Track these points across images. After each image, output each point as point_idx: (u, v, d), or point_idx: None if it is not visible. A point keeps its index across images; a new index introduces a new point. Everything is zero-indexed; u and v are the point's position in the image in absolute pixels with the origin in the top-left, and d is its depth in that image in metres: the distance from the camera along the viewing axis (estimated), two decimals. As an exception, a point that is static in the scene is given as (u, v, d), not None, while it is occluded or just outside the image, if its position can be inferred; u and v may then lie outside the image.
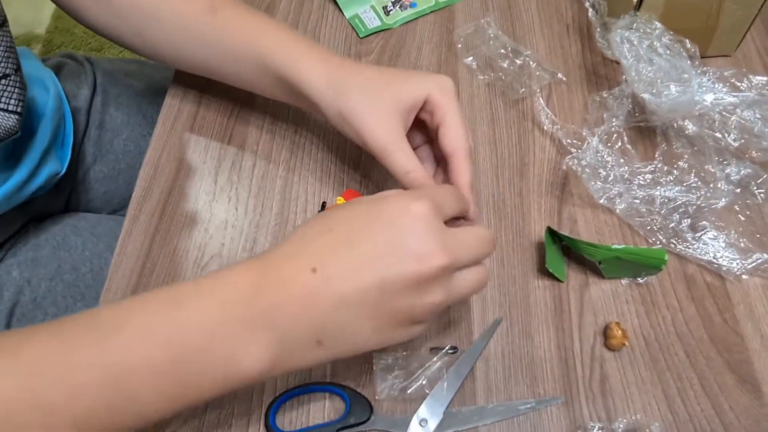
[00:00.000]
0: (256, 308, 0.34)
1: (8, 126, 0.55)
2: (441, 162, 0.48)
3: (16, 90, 0.56)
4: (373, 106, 0.45)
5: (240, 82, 0.55)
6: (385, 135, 0.44)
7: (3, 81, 0.54)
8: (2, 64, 0.54)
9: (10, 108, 0.55)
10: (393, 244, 0.35)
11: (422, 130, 0.49)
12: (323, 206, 0.50)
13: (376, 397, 0.45)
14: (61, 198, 0.72)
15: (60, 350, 0.34)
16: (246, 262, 0.36)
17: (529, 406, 0.45)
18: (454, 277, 0.37)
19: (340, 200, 0.48)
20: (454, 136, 0.44)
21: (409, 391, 0.45)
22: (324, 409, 0.45)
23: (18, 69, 0.56)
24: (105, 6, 0.56)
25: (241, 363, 0.34)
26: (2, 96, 0.54)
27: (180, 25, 0.54)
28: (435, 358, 0.46)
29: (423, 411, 0.44)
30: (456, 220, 0.41)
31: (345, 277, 0.35)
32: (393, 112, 0.45)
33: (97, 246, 0.66)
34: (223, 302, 0.35)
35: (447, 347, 0.47)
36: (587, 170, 0.52)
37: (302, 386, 0.45)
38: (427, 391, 0.45)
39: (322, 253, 0.35)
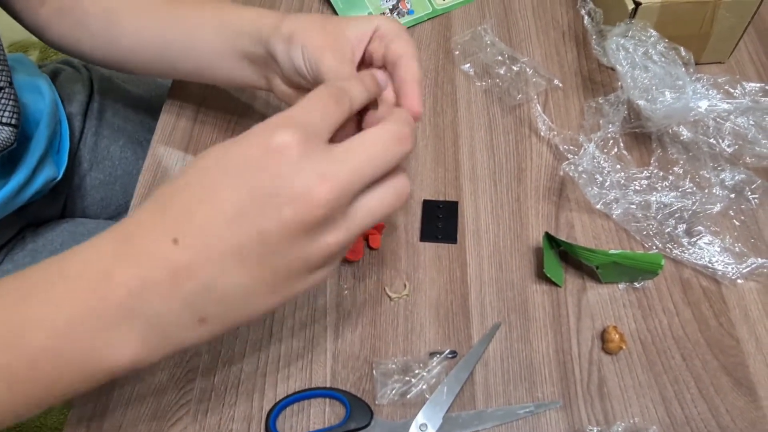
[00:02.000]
0: (112, 299, 0.29)
1: (3, 138, 0.55)
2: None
3: (10, 102, 0.56)
4: (319, 26, 0.43)
5: (196, 62, 0.53)
6: (326, 41, 0.42)
7: None
8: None
9: (5, 120, 0.55)
10: (261, 189, 0.29)
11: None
12: None
13: (376, 402, 0.45)
14: (58, 204, 0.72)
15: None
16: (100, 239, 0.31)
17: (528, 410, 0.45)
18: (354, 205, 0.31)
19: None
20: (403, 44, 0.42)
21: (408, 396, 0.45)
22: (324, 414, 0.45)
23: (11, 83, 0.57)
24: (70, 20, 0.56)
25: (106, 357, 0.30)
26: None
27: (141, 19, 0.54)
28: (434, 363, 0.47)
29: (422, 416, 0.45)
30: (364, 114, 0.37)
31: (213, 241, 0.29)
32: (338, 32, 0.43)
33: None
34: (73, 294, 0.30)
35: (446, 352, 0.47)
36: (584, 176, 0.53)
37: (302, 391, 0.46)
38: (426, 395, 0.45)
39: (180, 217, 0.30)
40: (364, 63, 0.44)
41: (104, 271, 0.30)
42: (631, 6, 0.57)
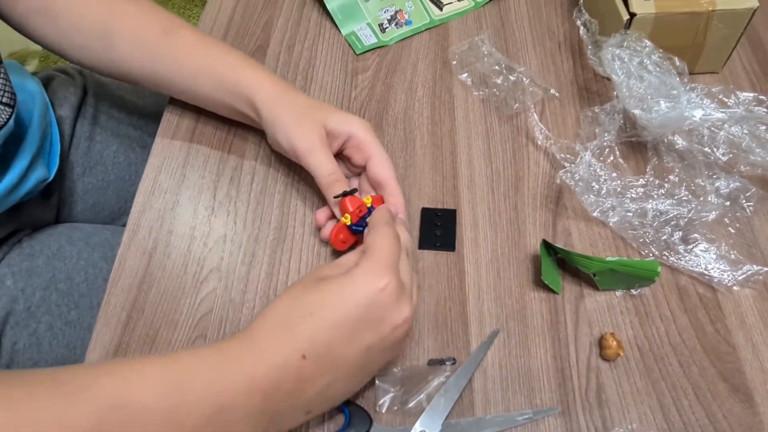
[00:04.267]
0: (252, 399, 0.37)
1: None
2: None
3: (0, 80, 0.57)
4: (302, 116, 0.52)
5: (192, 98, 0.59)
6: (310, 140, 0.51)
7: None
8: None
9: None
10: (371, 319, 0.39)
11: (347, 165, 0.55)
12: (350, 193, 0.49)
13: (376, 410, 0.45)
14: (51, 208, 0.72)
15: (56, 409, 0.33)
16: (234, 348, 0.39)
17: (526, 416, 0.45)
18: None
19: (368, 200, 0.49)
20: (383, 169, 0.51)
21: (409, 405, 0.46)
22: (323, 421, 0.45)
23: (1, 61, 0.57)
24: (50, 22, 0.58)
25: None
26: None
27: (132, 46, 0.57)
28: (434, 371, 0.47)
29: (421, 423, 0.45)
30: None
31: (333, 357, 0.39)
32: (318, 126, 0.51)
33: (92, 256, 0.66)
34: (221, 391, 0.37)
35: (446, 359, 0.48)
36: (580, 184, 0.53)
37: (302, 399, 0.46)
38: (425, 403, 0.46)
39: (308, 338, 0.38)
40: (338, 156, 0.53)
41: (247, 374, 0.37)
42: (626, 17, 0.57)
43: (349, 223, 0.49)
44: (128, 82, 0.62)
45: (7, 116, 0.57)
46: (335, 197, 0.50)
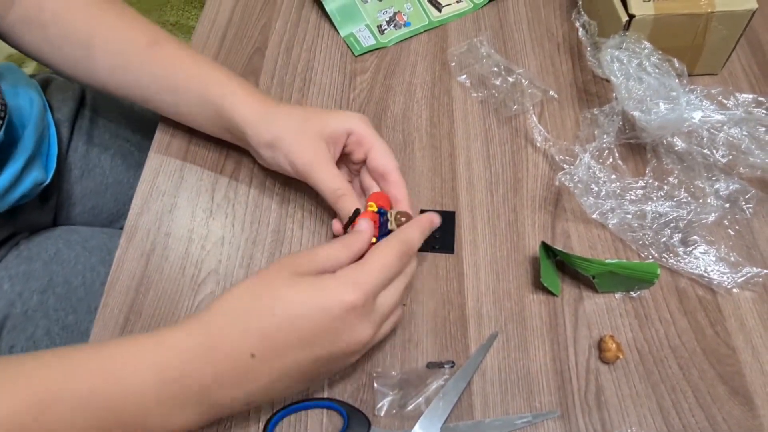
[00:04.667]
0: (192, 387, 0.38)
1: None
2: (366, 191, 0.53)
3: None
4: (299, 132, 0.50)
5: (175, 113, 0.58)
6: (312, 156, 0.49)
7: None
8: None
9: None
10: (328, 332, 0.39)
11: (347, 165, 0.54)
12: (356, 213, 0.47)
13: (375, 413, 0.45)
14: (49, 211, 0.72)
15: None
16: (186, 334, 0.39)
17: (525, 420, 0.45)
18: (376, 302, 0.41)
19: (372, 206, 0.47)
20: (385, 159, 0.50)
21: (408, 408, 0.45)
22: (322, 424, 0.45)
23: None
24: (39, 33, 0.58)
25: (171, 426, 0.38)
26: None
27: (119, 58, 0.57)
28: (433, 374, 0.47)
29: (420, 426, 0.45)
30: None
31: (280, 358, 0.39)
32: (318, 139, 0.50)
33: (90, 260, 0.66)
34: (162, 380, 0.37)
35: (445, 362, 0.47)
36: (579, 186, 0.53)
37: (300, 402, 0.46)
38: (424, 406, 0.45)
39: (262, 338, 0.38)
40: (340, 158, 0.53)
41: (189, 361, 0.38)
42: (625, 18, 0.57)
43: (374, 241, 0.46)
44: (114, 96, 0.60)
45: None
46: (345, 230, 0.48)
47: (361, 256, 0.42)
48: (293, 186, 0.57)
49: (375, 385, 0.46)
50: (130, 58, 0.56)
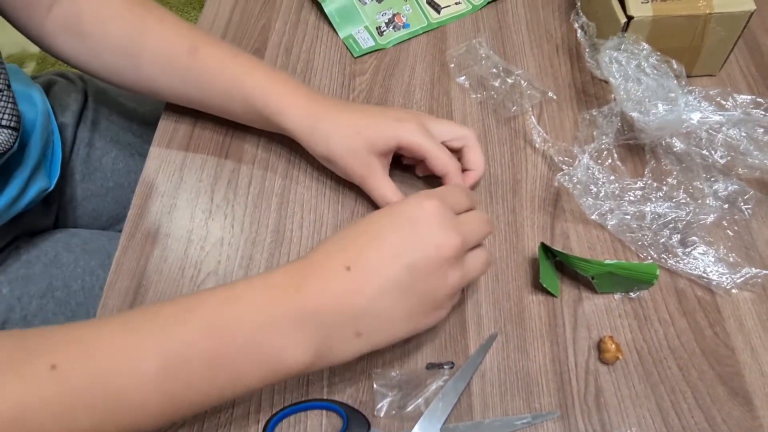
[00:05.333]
0: (300, 305, 0.38)
1: (2, 140, 0.55)
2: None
3: (9, 105, 0.56)
4: (351, 151, 0.52)
5: (225, 114, 0.59)
6: (366, 172, 0.52)
7: None
8: None
9: (4, 123, 0.55)
10: (414, 235, 0.40)
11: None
12: None
13: (374, 414, 0.45)
14: (50, 214, 0.72)
15: (127, 340, 0.36)
16: (290, 265, 0.41)
17: (525, 420, 0.45)
18: (466, 259, 0.43)
19: None
20: (440, 164, 0.51)
21: (408, 409, 0.45)
22: (321, 425, 0.45)
23: (9, 85, 0.57)
24: (79, 43, 0.57)
25: (288, 355, 0.38)
26: None
27: (160, 65, 0.57)
28: (432, 375, 0.47)
29: (420, 427, 0.45)
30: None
31: (377, 270, 0.40)
32: (369, 154, 0.52)
33: (89, 263, 0.66)
34: (272, 300, 0.39)
35: (444, 363, 0.47)
36: (578, 187, 0.53)
37: (300, 403, 0.46)
38: (424, 407, 0.45)
39: (354, 252, 0.40)
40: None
41: (296, 283, 0.39)
42: (623, 20, 0.57)
43: None
44: (160, 100, 0.61)
45: (13, 140, 0.57)
46: None
47: None
48: (293, 187, 0.57)
49: (374, 385, 0.46)
50: (174, 66, 0.56)
